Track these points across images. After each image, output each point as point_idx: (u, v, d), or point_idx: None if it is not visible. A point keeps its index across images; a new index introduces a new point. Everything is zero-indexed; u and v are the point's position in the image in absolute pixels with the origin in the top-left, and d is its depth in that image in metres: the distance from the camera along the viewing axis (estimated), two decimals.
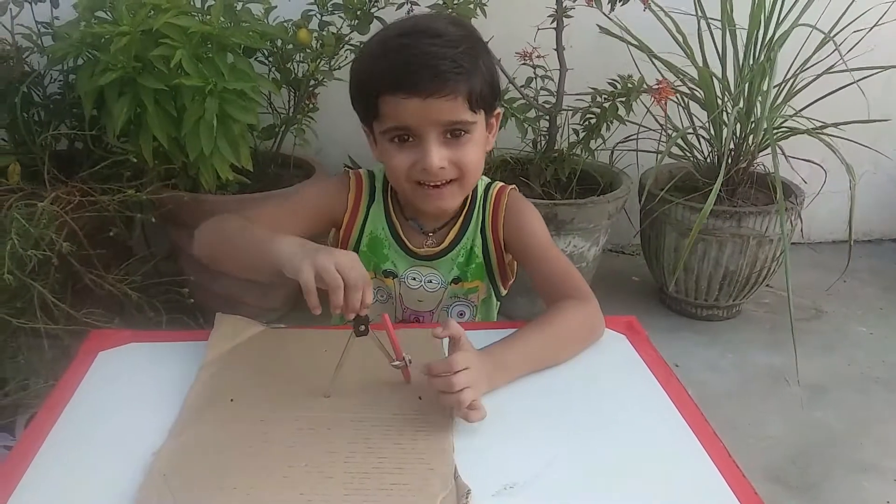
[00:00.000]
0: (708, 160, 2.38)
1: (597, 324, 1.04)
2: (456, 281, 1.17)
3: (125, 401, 0.89)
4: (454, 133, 1.01)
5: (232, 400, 0.88)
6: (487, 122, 1.07)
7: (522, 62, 2.15)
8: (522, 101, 2.18)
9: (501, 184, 1.18)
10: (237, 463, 0.78)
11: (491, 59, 1.05)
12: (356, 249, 1.17)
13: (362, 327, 0.87)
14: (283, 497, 0.73)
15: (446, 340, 0.90)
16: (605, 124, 2.20)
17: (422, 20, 1.06)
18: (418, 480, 0.75)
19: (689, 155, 2.40)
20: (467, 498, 0.73)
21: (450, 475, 0.76)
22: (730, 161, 2.28)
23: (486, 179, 1.18)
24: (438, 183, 1.04)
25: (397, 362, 0.88)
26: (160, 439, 0.81)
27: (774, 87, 2.22)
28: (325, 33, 2.08)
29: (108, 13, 1.82)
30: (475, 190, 1.15)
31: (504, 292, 1.24)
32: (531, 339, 0.97)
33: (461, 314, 1.21)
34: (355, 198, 1.16)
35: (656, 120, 2.33)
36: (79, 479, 0.76)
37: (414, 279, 1.17)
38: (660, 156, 2.26)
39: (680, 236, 2.30)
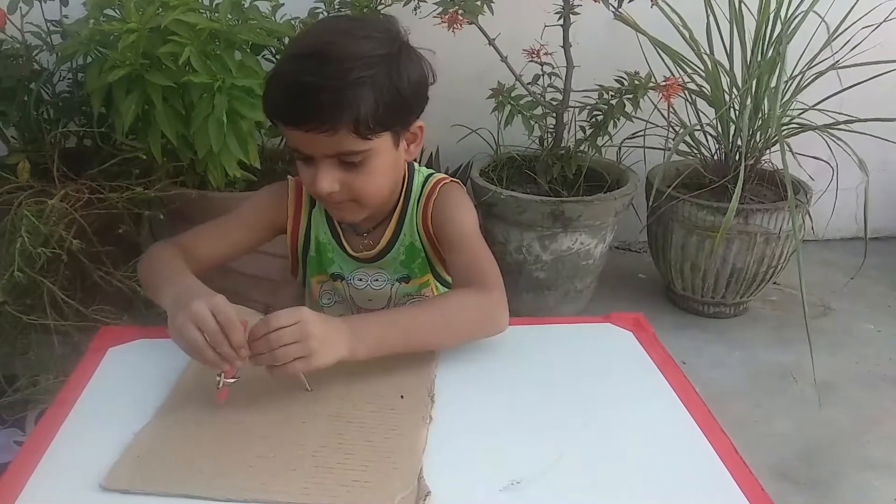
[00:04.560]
0: (715, 157, 2.38)
1: (494, 313, 0.97)
2: (405, 279, 1.16)
3: (134, 397, 0.90)
4: (346, 161, 0.96)
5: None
6: (402, 136, 1.01)
7: (530, 59, 2.15)
8: (529, 99, 2.18)
9: (439, 177, 1.13)
10: (209, 450, 0.79)
11: (406, 72, 0.96)
12: (304, 255, 1.17)
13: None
14: (245, 485, 0.74)
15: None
16: (612, 121, 2.19)
17: (333, 35, 0.96)
18: (380, 478, 0.76)
19: (696, 152, 2.39)
20: (426, 500, 0.73)
21: (413, 476, 0.76)
22: (737, 158, 2.27)
23: (424, 172, 1.14)
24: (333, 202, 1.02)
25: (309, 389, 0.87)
26: None
27: (784, 82, 2.21)
28: None
29: (117, 11, 1.83)
30: (411, 185, 1.12)
31: (449, 278, 1.18)
32: (407, 314, 0.92)
33: None
34: (295, 204, 1.14)
35: (664, 117, 2.32)
36: (88, 474, 0.76)
37: (360, 280, 1.16)
38: (667, 153, 2.25)
39: (687, 233, 2.30)
